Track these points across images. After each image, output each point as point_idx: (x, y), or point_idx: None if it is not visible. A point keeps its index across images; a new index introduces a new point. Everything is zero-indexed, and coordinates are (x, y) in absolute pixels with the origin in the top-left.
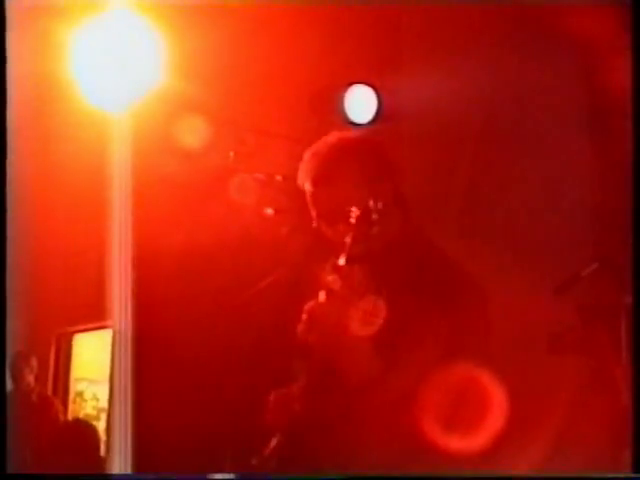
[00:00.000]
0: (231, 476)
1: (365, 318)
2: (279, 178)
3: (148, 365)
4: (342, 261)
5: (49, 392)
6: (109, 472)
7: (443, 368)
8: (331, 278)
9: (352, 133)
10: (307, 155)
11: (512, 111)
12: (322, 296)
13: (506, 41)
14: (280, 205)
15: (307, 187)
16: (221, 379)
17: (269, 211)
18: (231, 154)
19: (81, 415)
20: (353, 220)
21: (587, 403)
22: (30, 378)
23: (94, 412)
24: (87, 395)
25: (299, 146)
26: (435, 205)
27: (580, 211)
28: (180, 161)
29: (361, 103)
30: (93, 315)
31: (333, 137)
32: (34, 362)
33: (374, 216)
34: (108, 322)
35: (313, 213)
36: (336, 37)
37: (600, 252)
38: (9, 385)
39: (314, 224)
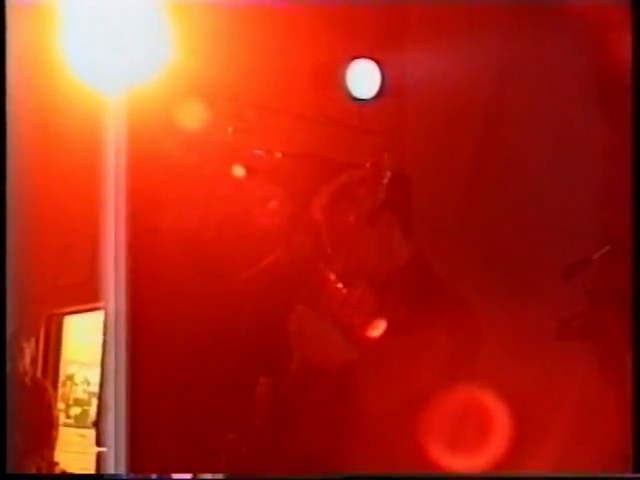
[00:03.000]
0: (220, 476)
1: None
2: (279, 155)
3: (141, 348)
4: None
5: (39, 375)
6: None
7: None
8: (340, 286)
9: (360, 171)
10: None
11: (520, 87)
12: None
13: (514, 16)
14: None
15: (318, 219)
16: (217, 362)
17: (272, 204)
18: (230, 130)
19: (71, 399)
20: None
21: (596, 390)
22: (22, 361)
23: (85, 396)
24: (78, 379)
25: (300, 122)
26: (440, 182)
27: (591, 192)
28: (177, 138)
29: (364, 78)
30: (85, 296)
31: (343, 177)
32: (25, 344)
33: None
34: (100, 303)
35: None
36: (339, 10)
37: (612, 235)
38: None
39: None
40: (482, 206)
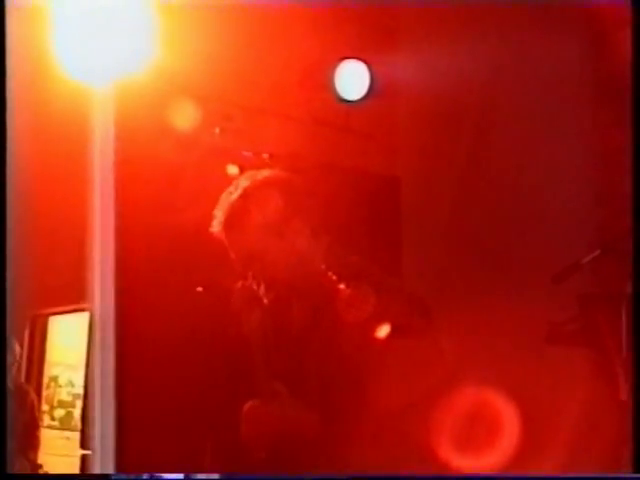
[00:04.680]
0: (215, 476)
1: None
2: (266, 156)
3: (128, 350)
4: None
5: (22, 377)
6: (88, 460)
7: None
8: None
9: (261, 174)
10: (220, 201)
11: (512, 89)
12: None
13: (506, 16)
14: None
15: (220, 234)
16: (206, 367)
17: None
18: (217, 130)
19: (55, 401)
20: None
21: (587, 395)
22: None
23: (69, 398)
24: (62, 380)
25: (288, 123)
26: (429, 184)
27: (582, 195)
28: (164, 138)
29: (353, 79)
30: (70, 297)
31: (245, 179)
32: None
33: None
34: (86, 304)
35: (232, 256)
36: (328, 10)
37: (602, 238)
38: None
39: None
40: (472, 208)
